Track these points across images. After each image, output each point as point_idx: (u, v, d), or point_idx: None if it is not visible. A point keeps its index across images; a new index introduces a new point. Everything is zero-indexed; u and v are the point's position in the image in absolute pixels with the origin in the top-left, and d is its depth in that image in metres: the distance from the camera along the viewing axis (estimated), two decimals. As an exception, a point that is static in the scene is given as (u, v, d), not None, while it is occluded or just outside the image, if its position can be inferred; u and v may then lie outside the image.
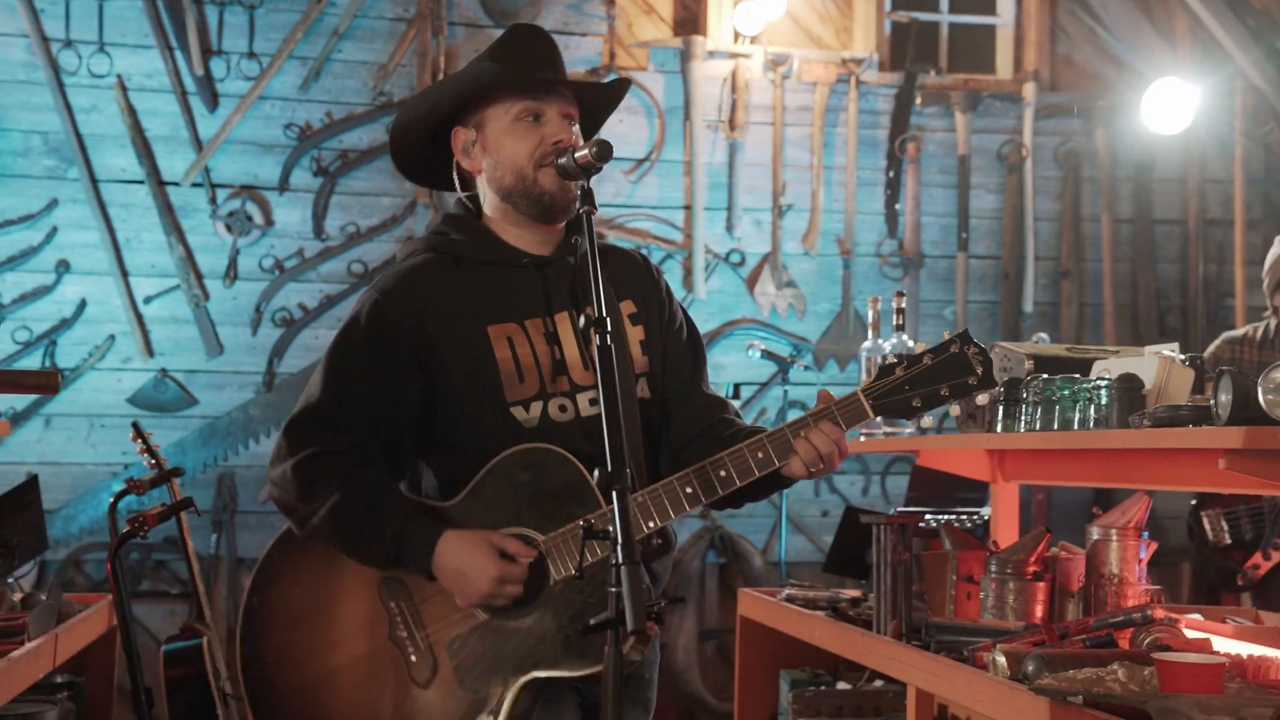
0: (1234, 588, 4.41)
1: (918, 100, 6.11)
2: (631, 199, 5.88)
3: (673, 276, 5.87)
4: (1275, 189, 6.41)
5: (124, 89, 5.41)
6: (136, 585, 5.28)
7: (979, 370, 2.14)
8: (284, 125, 5.55)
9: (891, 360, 2.18)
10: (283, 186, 5.54)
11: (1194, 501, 4.41)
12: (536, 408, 2.20)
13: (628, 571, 1.73)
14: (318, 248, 5.55)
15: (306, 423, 2.20)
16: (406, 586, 2.17)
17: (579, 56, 5.83)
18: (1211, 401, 2.32)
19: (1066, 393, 2.83)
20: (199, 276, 5.46)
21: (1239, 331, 4.58)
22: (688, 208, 5.91)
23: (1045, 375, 2.94)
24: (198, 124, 5.47)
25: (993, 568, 3.10)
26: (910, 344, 3.77)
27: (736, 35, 5.98)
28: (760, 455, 2.14)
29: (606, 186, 5.82)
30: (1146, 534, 3.16)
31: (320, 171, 5.57)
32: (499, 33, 5.62)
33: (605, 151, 2.03)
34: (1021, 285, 6.12)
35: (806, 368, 5.84)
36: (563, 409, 2.21)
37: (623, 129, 5.85)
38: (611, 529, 1.79)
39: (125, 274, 5.38)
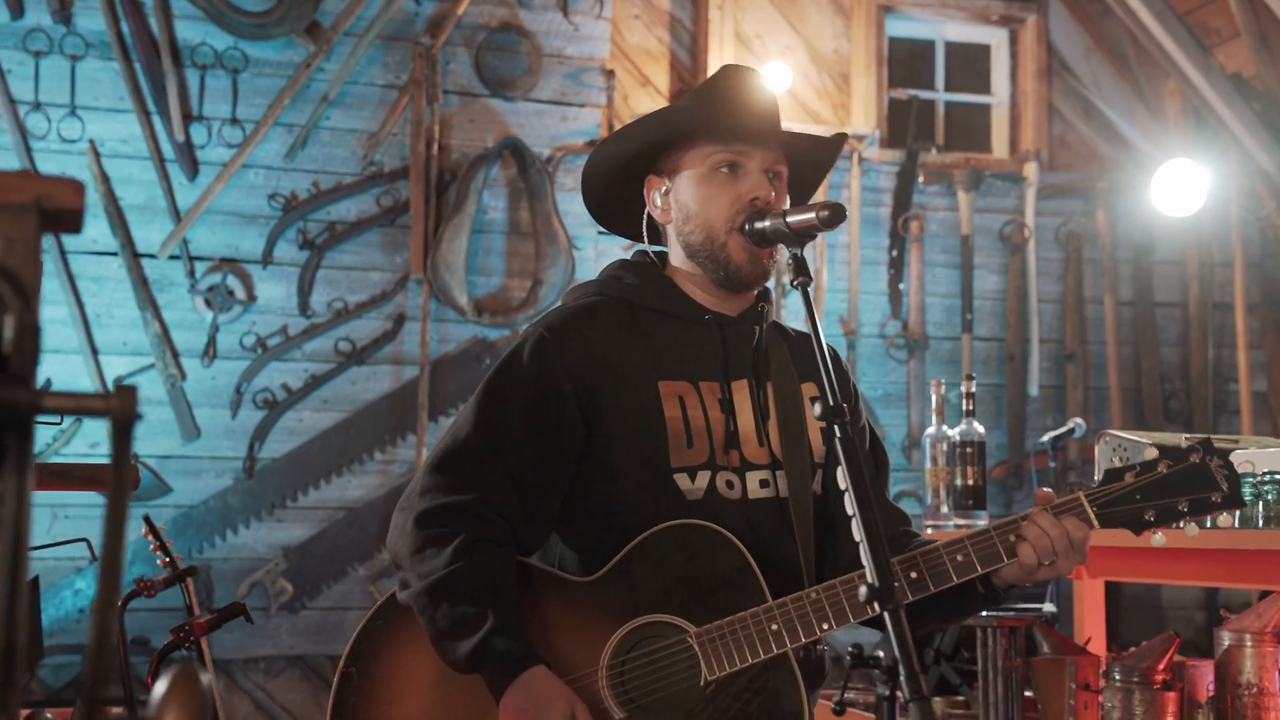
0: None
1: (920, 178, 5.97)
2: (632, 276, 5.62)
3: (674, 357, 5.62)
4: (1273, 272, 6.37)
5: (97, 155, 5.05)
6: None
7: (1225, 486, 1.89)
8: (268, 195, 5.23)
9: (1119, 465, 1.92)
10: (266, 260, 5.20)
11: None
12: (703, 478, 1.93)
13: (920, 710, 1.45)
14: (303, 325, 5.20)
15: (450, 463, 1.92)
16: None
17: (576, 129, 5.60)
18: None
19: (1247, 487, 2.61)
20: (175, 355, 5.07)
21: None
22: (690, 286, 5.66)
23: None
24: (176, 193, 5.12)
25: (1117, 676, 2.87)
26: (981, 430, 3.55)
27: (737, 109, 5.79)
28: (960, 559, 1.86)
29: (605, 264, 5.56)
30: (1284, 639, 2.94)
31: (306, 244, 5.24)
32: (494, 102, 5.51)
33: (837, 215, 1.76)
34: (1026, 368, 5.98)
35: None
36: (730, 485, 1.94)
37: (623, 204, 5.62)
38: (887, 656, 1.51)
39: (95, 352, 4.98)
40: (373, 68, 5.40)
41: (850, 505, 1.66)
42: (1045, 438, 4.76)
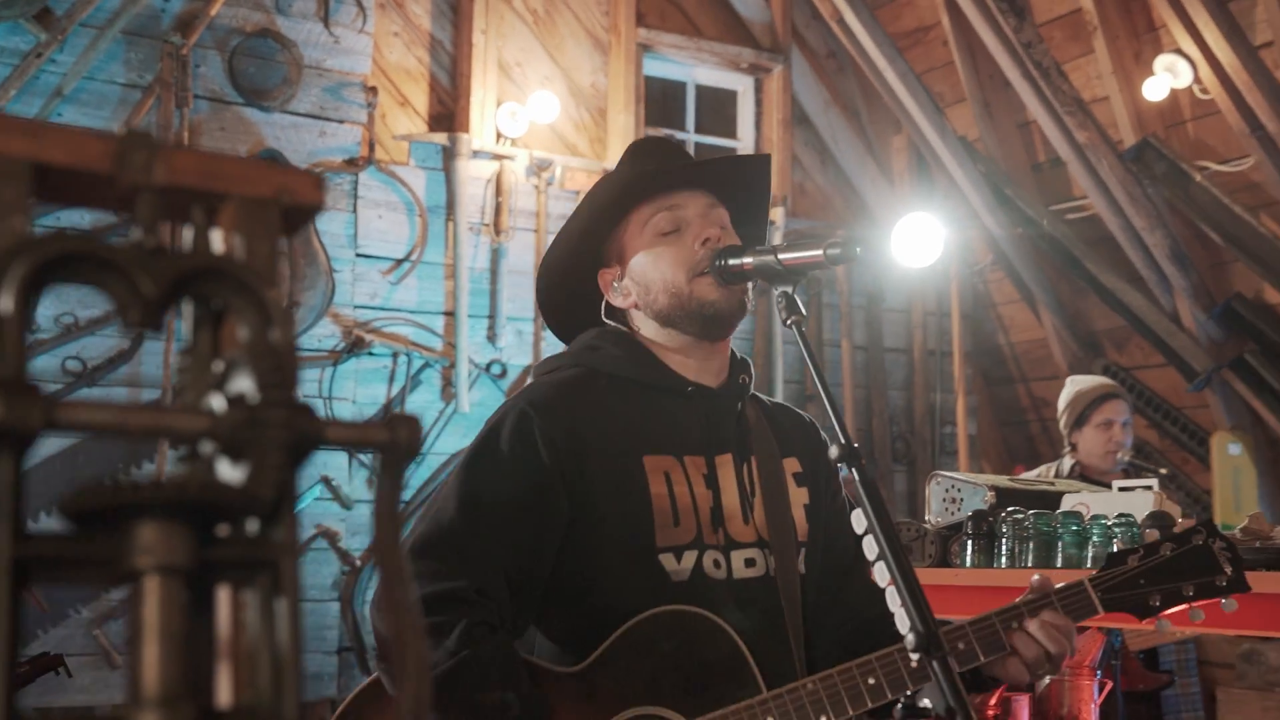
0: None
1: (675, 217, 6.04)
2: (390, 301, 5.40)
3: (432, 387, 5.43)
4: (984, 323, 6.83)
5: None
6: None
7: (1228, 570, 1.90)
8: (-10, 195, 4.69)
9: (1123, 548, 1.94)
10: (-14, 267, 4.66)
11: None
12: (690, 558, 1.82)
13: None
14: (27, 341, 4.67)
15: (436, 547, 1.75)
16: None
17: (335, 145, 5.34)
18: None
19: (1075, 528, 2.73)
20: (-126, 370, 4.46)
21: (1033, 472, 4.74)
22: (449, 314, 5.50)
23: (1034, 510, 2.83)
24: (-120, 186, 4.51)
25: (955, 712, 2.95)
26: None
27: (499, 136, 5.70)
28: (962, 646, 1.79)
29: (363, 287, 5.33)
30: (1100, 673, 3.11)
31: (34, 252, 4.73)
32: (248, 111, 5.17)
33: (849, 251, 1.71)
34: (770, 407, 6.13)
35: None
36: (717, 565, 1.84)
37: (382, 225, 5.40)
38: (935, 702, 1.46)
39: None
40: (113, 64, 4.96)
41: (874, 547, 1.61)
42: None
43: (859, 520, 1.65)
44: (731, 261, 1.84)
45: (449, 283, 5.51)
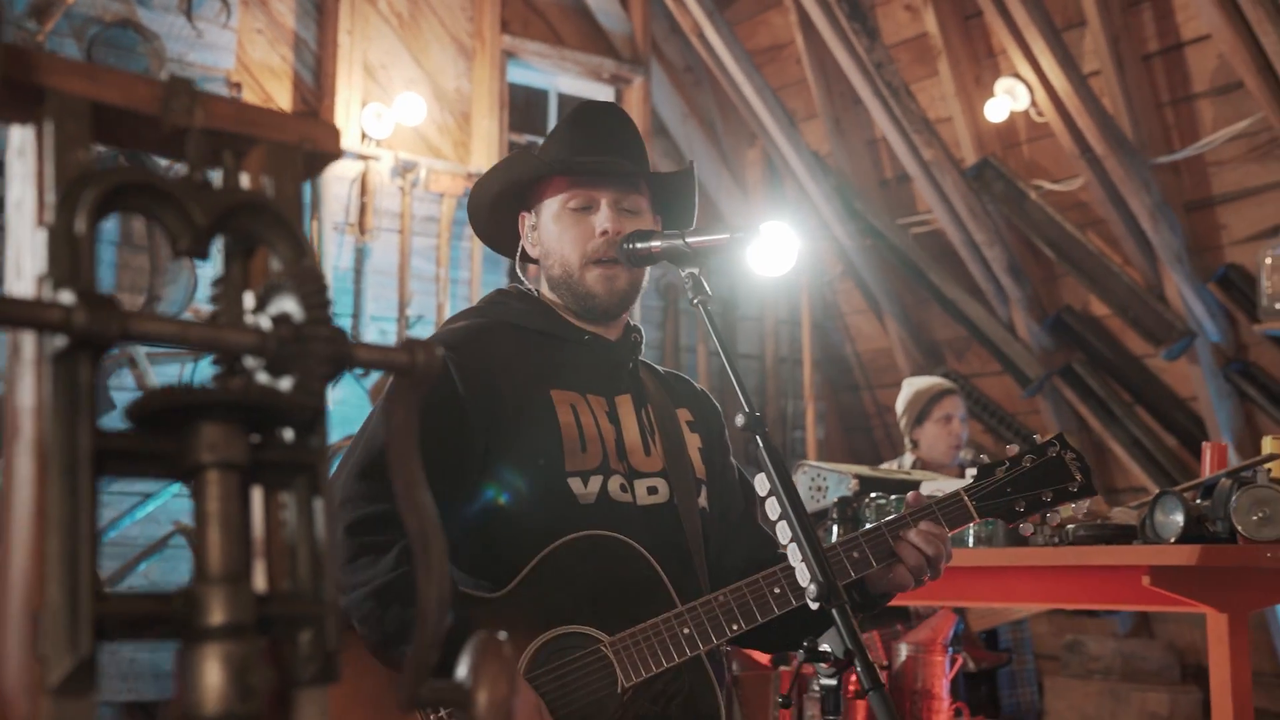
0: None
1: (537, 222, 6.14)
2: (252, 299, 5.37)
3: (293, 385, 5.42)
4: (831, 333, 7.09)
5: None
6: None
7: (1078, 476, 2.07)
8: None
9: (989, 461, 2.09)
10: None
11: None
12: (596, 482, 1.93)
13: (880, 699, 1.55)
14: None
15: (372, 470, 1.82)
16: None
17: (197, 139, 5.29)
18: (1146, 521, 2.48)
19: (933, 511, 2.91)
20: None
21: (881, 467, 4.96)
22: (312, 312, 5.49)
23: (893, 495, 3.01)
24: None
25: (815, 687, 3.11)
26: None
27: (364, 136, 5.73)
28: (856, 555, 1.95)
29: (224, 283, 5.29)
30: (952, 650, 3.31)
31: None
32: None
33: (750, 235, 1.84)
34: (627, 409, 6.27)
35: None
36: (623, 489, 1.96)
37: (246, 222, 5.38)
38: (836, 651, 1.60)
39: None
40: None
41: (777, 508, 1.74)
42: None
43: (762, 483, 1.78)
44: (639, 245, 1.94)
45: (312, 281, 5.51)
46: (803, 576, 1.69)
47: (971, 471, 3.17)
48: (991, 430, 6.33)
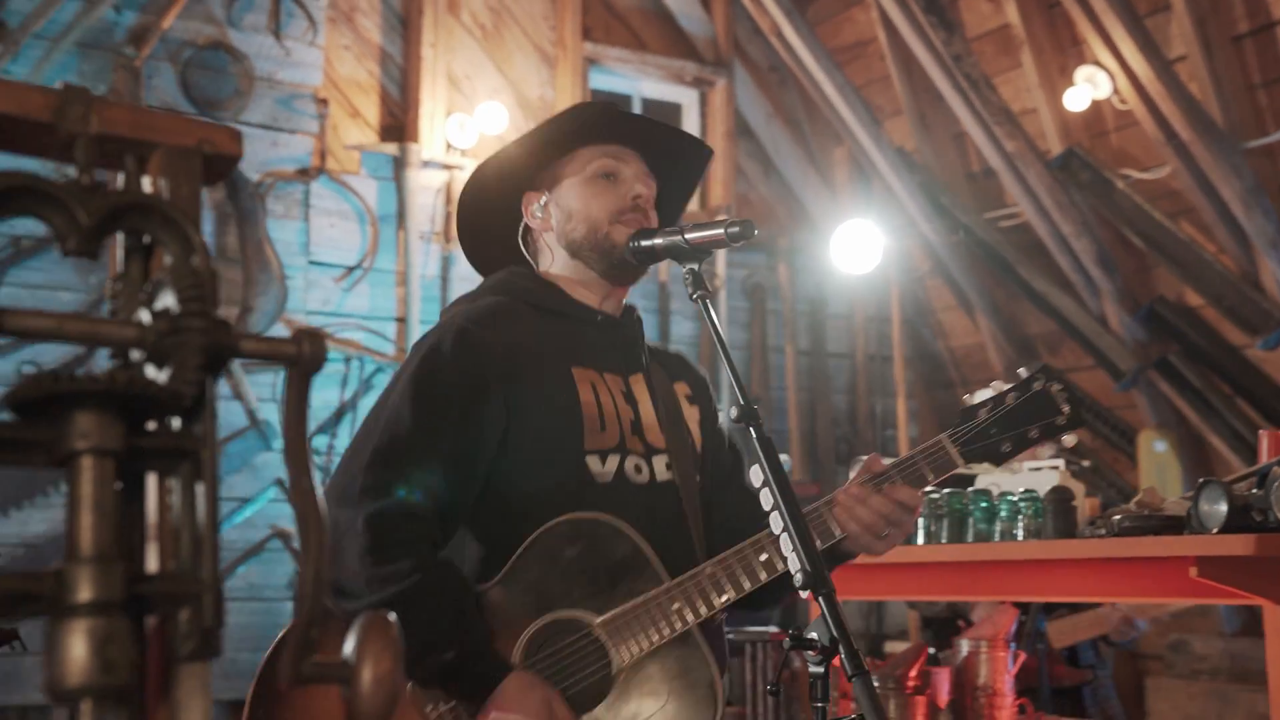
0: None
1: (621, 226, 6.19)
2: (342, 308, 5.52)
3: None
4: (924, 329, 7.01)
5: None
6: None
7: (1064, 408, 2.00)
8: (-55, 203, 4.78)
9: (973, 403, 2.03)
10: (-60, 274, 4.76)
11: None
12: (613, 461, 1.97)
13: (863, 685, 1.55)
14: (-19, 345, 4.78)
15: (396, 459, 1.85)
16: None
17: (287, 155, 5.46)
18: (1191, 511, 2.43)
19: (984, 505, 2.88)
20: None
21: None
22: (400, 320, 5.63)
23: (947, 489, 2.99)
24: None
25: (874, 683, 3.09)
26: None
27: (448, 146, 5.84)
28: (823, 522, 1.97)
29: (315, 294, 5.45)
30: (1014, 645, 3.26)
31: (-12, 259, 4.83)
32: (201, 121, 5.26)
33: (746, 230, 1.85)
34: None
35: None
36: (638, 469, 1.99)
37: (334, 234, 5.53)
38: (821, 635, 1.60)
39: None
40: (67, 75, 5.06)
41: (769, 498, 1.75)
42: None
43: (756, 475, 1.79)
44: (644, 243, 1.98)
45: (400, 289, 5.64)
46: (793, 565, 1.70)
47: (1053, 463, 3.12)
48: (1088, 426, 6.19)
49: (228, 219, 5.29)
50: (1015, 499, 2.83)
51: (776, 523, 1.75)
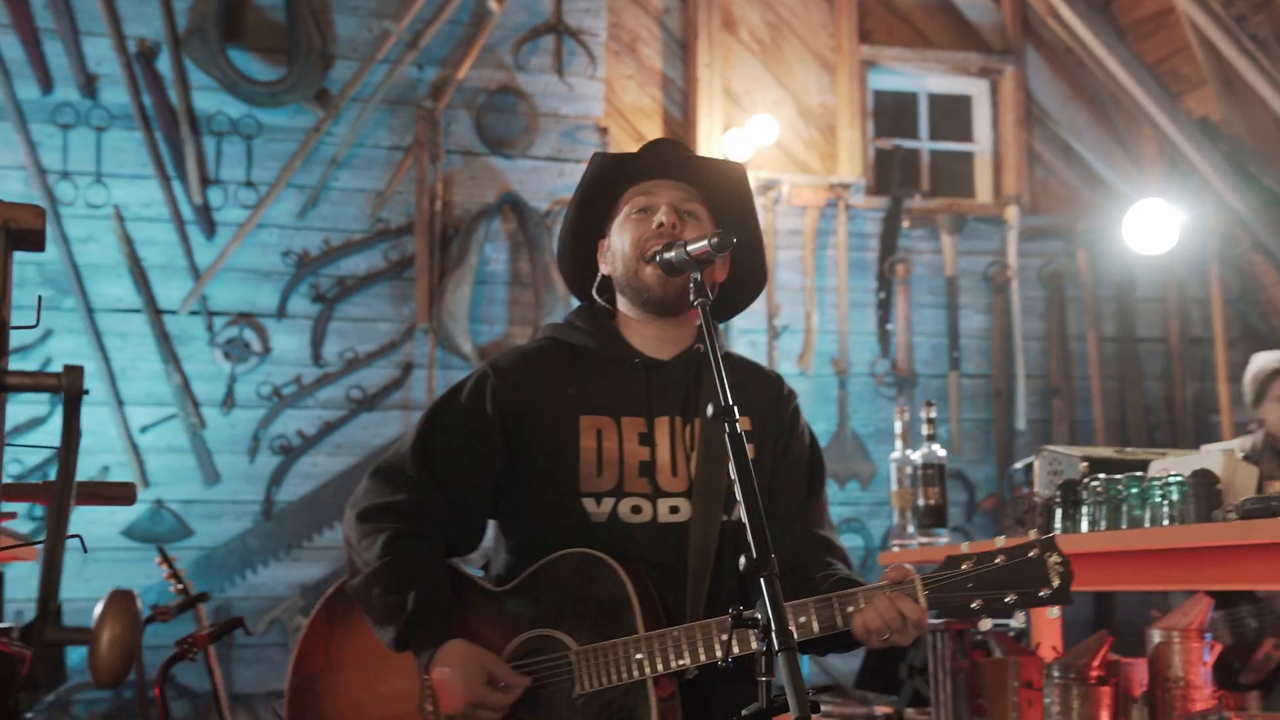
0: (1237, 687, 4.36)
1: (905, 223, 6.22)
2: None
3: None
4: (1249, 309, 6.57)
5: (121, 219, 5.38)
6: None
7: (1055, 583, 1.97)
8: (282, 253, 5.54)
9: (961, 553, 2.05)
10: (280, 313, 5.50)
11: None
12: (608, 503, 2.19)
13: (787, 658, 1.66)
14: (316, 374, 5.49)
15: (390, 470, 2.24)
16: None
17: (572, 183, 5.79)
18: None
19: (1135, 490, 2.82)
20: (196, 405, 5.37)
21: (1230, 443, 4.65)
22: (684, 330, 5.92)
23: (1105, 475, 2.94)
24: (195, 252, 5.44)
25: (1055, 674, 3.06)
26: (941, 453, 3.74)
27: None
28: (803, 619, 2.04)
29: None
30: (1209, 636, 3.14)
31: (318, 298, 5.54)
32: (494, 160, 5.81)
33: (725, 240, 1.99)
34: (1013, 403, 6.18)
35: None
36: (636, 510, 2.19)
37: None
38: (762, 615, 1.72)
39: (120, 403, 5.28)
40: (379, 130, 5.72)
41: (736, 492, 1.87)
42: (1018, 464, 4.96)
43: (730, 470, 1.92)
44: (665, 255, 2.15)
45: (683, 301, 5.94)
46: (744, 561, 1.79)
47: (1226, 446, 3.02)
48: None
49: (520, 247, 5.78)
50: (1162, 482, 2.75)
51: (742, 515, 1.86)
